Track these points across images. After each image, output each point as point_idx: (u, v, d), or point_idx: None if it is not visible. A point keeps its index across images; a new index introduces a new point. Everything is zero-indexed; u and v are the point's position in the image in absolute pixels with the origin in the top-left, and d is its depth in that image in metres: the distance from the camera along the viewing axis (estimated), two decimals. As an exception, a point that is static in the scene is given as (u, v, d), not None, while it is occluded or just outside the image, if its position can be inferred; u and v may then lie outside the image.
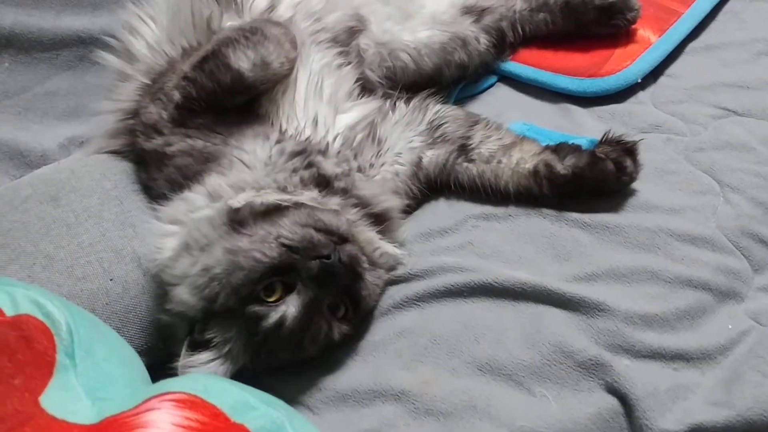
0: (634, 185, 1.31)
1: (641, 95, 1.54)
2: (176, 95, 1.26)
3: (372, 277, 1.22)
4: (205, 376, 0.89)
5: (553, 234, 1.28)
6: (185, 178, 1.25)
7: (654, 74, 1.57)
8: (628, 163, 1.28)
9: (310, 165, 1.25)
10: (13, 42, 1.56)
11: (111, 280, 1.21)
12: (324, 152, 1.30)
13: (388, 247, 1.29)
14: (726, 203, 1.29)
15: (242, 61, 1.24)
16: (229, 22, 1.36)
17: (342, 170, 1.29)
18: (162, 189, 1.28)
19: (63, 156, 1.51)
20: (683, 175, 1.34)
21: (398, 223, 1.34)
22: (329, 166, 1.27)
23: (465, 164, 1.39)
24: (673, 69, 1.59)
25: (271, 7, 1.41)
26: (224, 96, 1.26)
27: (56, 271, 1.19)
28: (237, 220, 1.15)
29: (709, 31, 1.65)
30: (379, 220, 1.29)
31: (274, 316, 1.09)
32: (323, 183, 1.25)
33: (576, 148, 1.32)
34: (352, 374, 1.17)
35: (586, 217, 1.29)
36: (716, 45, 1.61)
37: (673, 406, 1.04)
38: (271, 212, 1.16)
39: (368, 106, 1.42)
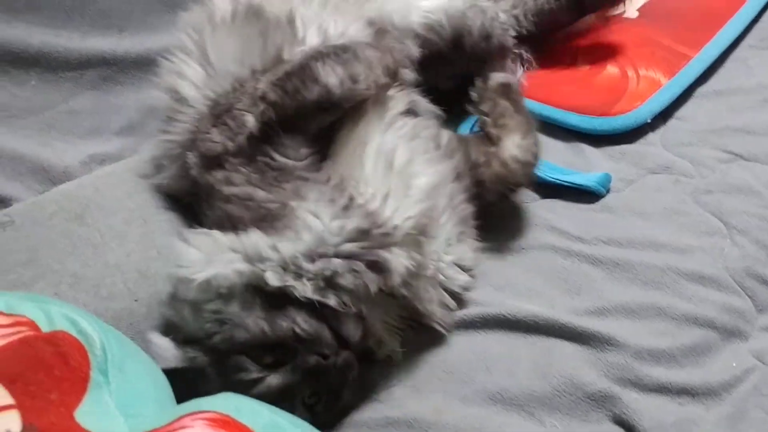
0: (646, 224, 1.35)
1: (651, 137, 1.58)
2: (250, 120, 1.14)
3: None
4: (236, 397, 0.91)
5: (565, 268, 1.31)
6: (231, 226, 1.14)
7: (664, 116, 1.62)
8: None
9: (373, 265, 1.08)
10: (40, 61, 1.56)
11: (135, 300, 1.21)
12: (389, 237, 1.11)
13: None
14: (733, 245, 1.33)
15: (331, 76, 1.15)
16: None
17: (411, 265, 1.13)
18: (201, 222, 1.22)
19: (84, 173, 1.51)
20: (692, 216, 1.38)
21: None
22: (398, 265, 1.10)
23: None
24: (682, 112, 1.63)
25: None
26: (306, 116, 1.16)
27: (82, 290, 1.19)
28: (261, 293, 1.10)
29: (717, 77, 1.71)
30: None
31: (255, 375, 1.06)
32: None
33: None
34: (365, 403, 1.17)
35: (597, 253, 1.32)
36: (724, 90, 1.66)
37: (678, 439, 1.07)
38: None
39: (444, 165, 1.28)
